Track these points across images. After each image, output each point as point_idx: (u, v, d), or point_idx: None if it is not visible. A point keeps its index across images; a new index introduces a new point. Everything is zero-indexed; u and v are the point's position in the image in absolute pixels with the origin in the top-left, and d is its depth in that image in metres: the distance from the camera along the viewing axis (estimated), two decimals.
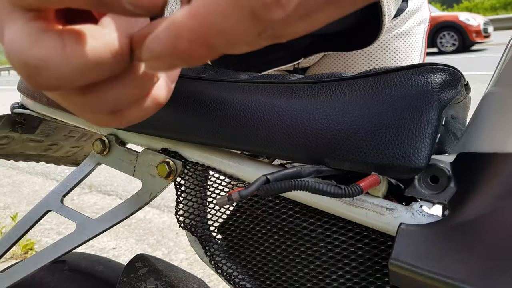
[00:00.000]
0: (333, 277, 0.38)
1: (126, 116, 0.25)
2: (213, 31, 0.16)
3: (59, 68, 0.19)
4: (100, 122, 0.25)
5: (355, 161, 0.34)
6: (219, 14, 0.15)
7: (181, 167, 0.46)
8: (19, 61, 0.19)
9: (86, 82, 0.20)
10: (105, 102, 0.23)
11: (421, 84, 0.34)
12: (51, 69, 0.19)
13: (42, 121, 0.67)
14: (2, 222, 2.36)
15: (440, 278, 0.28)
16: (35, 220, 0.53)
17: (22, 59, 0.19)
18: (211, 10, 0.15)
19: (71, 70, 0.19)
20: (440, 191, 0.34)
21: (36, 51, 0.19)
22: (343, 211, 0.36)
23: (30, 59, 0.19)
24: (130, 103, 0.24)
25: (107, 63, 0.20)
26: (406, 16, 0.72)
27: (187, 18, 0.16)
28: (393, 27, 0.71)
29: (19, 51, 0.19)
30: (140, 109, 0.25)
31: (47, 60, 0.19)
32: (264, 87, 0.40)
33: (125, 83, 0.22)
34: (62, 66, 0.19)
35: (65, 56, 0.19)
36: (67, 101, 0.23)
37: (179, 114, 0.43)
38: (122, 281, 0.56)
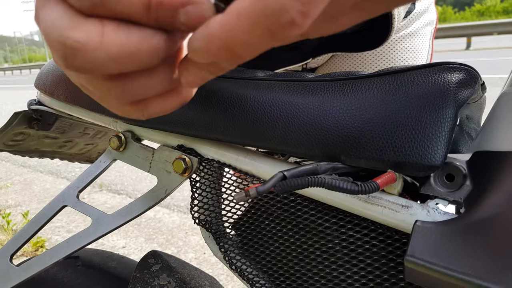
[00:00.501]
0: (348, 274, 0.39)
1: (149, 108, 0.25)
2: (236, 42, 0.18)
3: (94, 53, 0.20)
4: (122, 111, 0.25)
5: (371, 158, 0.35)
6: (241, 30, 0.18)
7: (197, 163, 0.46)
8: (58, 41, 0.20)
9: (117, 70, 0.21)
10: (130, 91, 0.23)
11: (438, 82, 0.34)
12: (87, 53, 0.20)
13: (58, 118, 0.68)
14: (13, 219, 2.38)
15: (456, 275, 0.28)
16: (51, 215, 0.53)
17: (61, 39, 0.20)
18: (235, 26, 0.18)
19: (106, 56, 0.20)
20: (455, 189, 0.34)
21: (75, 33, 0.19)
22: (358, 208, 0.37)
23: (68, 40, 0.19)
24: (155, 95, 0.25)
25: (141, 56, 0.21)
26: (414, 18, 0.72)
27: (218, 29, 0.18)
28: (400, 28, 0.71)
29: (59, 31, 0.20)
30: (164, 103, 0.26)
31: (85, 43, 0.19)
32: (280, 84, 0.41)
33: (153, 75, 0.23)
34: (98, 51, 0.20)
35: (102, 42, 0.20)
36: (93, 86, 0.24)
37: (196, 111, 0.44)
38: (135, 277, 0.57)
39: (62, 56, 0.20)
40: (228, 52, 0.19)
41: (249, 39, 0.18)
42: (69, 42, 0.19)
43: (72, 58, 0.20)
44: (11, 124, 0.65)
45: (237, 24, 0.18)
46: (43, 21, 0.21)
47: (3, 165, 3.92)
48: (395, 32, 0.71)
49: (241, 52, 0.19)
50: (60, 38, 0.20)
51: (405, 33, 0.72)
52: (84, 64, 0.20)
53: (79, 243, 0.51)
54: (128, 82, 0.23)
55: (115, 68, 0.21)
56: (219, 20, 0.18)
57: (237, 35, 0.18)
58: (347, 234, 0.38)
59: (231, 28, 0.18)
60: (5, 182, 3.35)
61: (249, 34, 0.18)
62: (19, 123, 0.65)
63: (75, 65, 0.20)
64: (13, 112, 0.64)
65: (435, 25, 0.78)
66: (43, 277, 0.64)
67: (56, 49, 0.20)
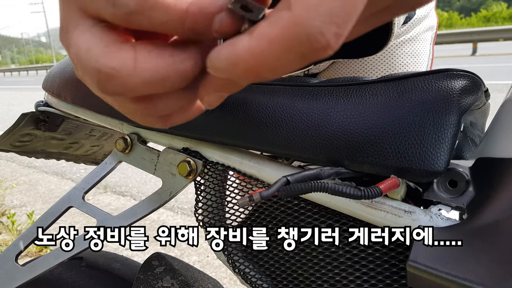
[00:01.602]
0: (350, 278, 0.39)
1: (172, 119, 0.26)
2: (265, 68, 0.18)
3: (128, 79, 0.20)
4: (146, 122, 0.26)
5: (374, 163, 0.35)
6: (272, 57, 0.18)
7: (201, 166, 0.47)
8: (93, 67, 0.20)
9: (148, 93, 0.22)
10: (157, 109, 0.24)
11: (442, 89, 0.34)
12: (121, 79, 0.20)
13: (65, 119, 0.69)
14: (18, 219, 2.39)
15: (458, 281, 0.28)
16: (56, 216, 0.54)
17: (96, 66, 0.20)
18: (266, 53, 0.18)
19: (138, 81, 0.20)
20: (458, 195, 0.34)
21: (110, 61, 0.20)
22: (361, 213, 0.37)
23: (103, 67, 0.20)
24: (179, 110, 0.25)
25: (172, 80, 0.21)
26: (414, 23, 0.72)
27: (247, 53, 0.18)
28: (401, 34, 0.72)
29: (94, 58, 0.20)
30: (186, 114, 0.26)
31: (119, 70, 0.20)
32: (285, 89, 0.41)
33: (180, 95, 0.24)
34: (131, 77, 0.20)
35: (135, 68, 0.20)
36: (120, 106, 0.25)
37: (201, 115, 0.44)
38: (139, 278, 0.57)
39: (96, 81, 0.21)
40: (254, 75, 0.19)
41: (279, 65, 0.18)
42: (104, 69, 0.20)
43: (106, 84, 0.21)
44: (19, 125, 0.65)
45: (268, 51, 0.17)
46: (76, 45, 0.21)
47: (9, 166, 3.94)
48: (395, 37, 0.71)
49: (267, 75, 0.19)
50: (95, 65, 0.20)
51: (405, 38, 0.72)
52: (118, 88, 0.21)
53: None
54: (156, 102, 0.24)
55: (146, 91, 0.21)
56: (247, 44, 0.18)
57: (267, 61, 0.18)
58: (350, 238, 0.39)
59: (261, 54, 0.18)
60: (10, 183, 3.36)
61: (280, 60, 0.18)
62: (26, 124, 0.66)
63: (109, 90, 0.21)
64: (20, 113, 0.65)
65: (435, 30, 0.78)
66: (47, 278, 0.65)
67: (90, 75, 0.21)
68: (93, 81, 0.21)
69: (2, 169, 3.84)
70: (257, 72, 0.18)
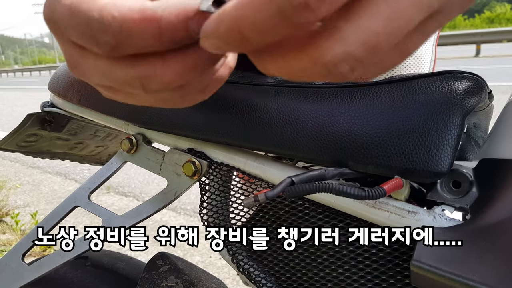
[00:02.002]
0: (354, 278, 0.39)
1: (193, 99, 0.27)
2: (246, 22, 0.18)
3: (163, 77, 0.23)
4: (167, 104, 0.27)
5: (378, 164, 0.35)
6: (252, 9, 0.18)
7: (206, 167, 0.47)
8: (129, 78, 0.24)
9: (183, 82, 0.24)
10: (185, 94, 0.26)
11: (446, 91, 0.35)
12: (158, 78, 0.23)
13: (70, 120, 0.69)
14: (22, 219, 2.40)
15: (462, 280, 0.29)
16: (62, 215, 0.54)
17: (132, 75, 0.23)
18: (247, 4, 0.18)
19: (172, 76, 0.23)
20: (462, 196, 0.34)
21: (142, 69, 0.23)
22: (365, 213, 0.37)
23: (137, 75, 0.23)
24: (201, 89, 0.27)
25: (201, 65, 0.23)
26: None
27: (231, 8, 0.19)
28: None
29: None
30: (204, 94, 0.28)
31: (153, 73, 0.23)
32: (289, 90, 0.42)
33: (205, 77, 0.26)
34: (165, 75, 0.23)
35: (167, 66, 0.23)
36: (163, 99, 0.27)
37: (206, 115, 0.44)
38: (143, 278, 0.57)
39: (139, 87, 0.24)
40: (238, 34, 0.19)
41: (260, 20, 0.18)
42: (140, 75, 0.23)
43: (147, 86, 0.24)
44: (24, 125, 0.66)
45: (250, 2, 0.18)
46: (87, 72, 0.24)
47: (12, 166, 3.95)
48: None
49: (251, 35, 0.19)
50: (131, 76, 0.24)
51: None
52: (157, 86, 0.24)
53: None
54: (186, 88, 0.26)
55: (181, 81, 0.24)
56: (231, 2, 0.19)
57: (248, 14, 0.18)
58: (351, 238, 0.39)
59: (242, 6, 0.18)
60: (14, 183, 3.38)
61: (260, 13, 0.18)
62: (32, 125, 0.67)
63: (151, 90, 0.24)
64: (24, 113, 0.66)
65: (437, 32, 0.78)
66: (53, 277, 0.65)
67: (132, 84, 0.24)
68: (136, 87, 0.24)
69: (6, 169, 3.85)
70: (240, 29, 0.19)
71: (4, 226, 2.47)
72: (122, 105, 0.51)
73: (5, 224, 2.50)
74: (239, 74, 0.48)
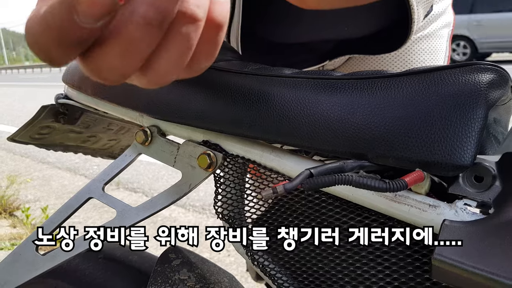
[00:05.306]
0: (372, 273, 0.39)
1: (195, 64, 0.26)
2: None
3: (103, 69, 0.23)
4: (181, 76, 0.27)
5: (399, 157, 0.35)
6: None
7: (221, 159, 0.47)
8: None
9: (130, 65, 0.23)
10: (165, 69, 0.25)
11: (469, 82, 0.34)
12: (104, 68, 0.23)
13: (84, 112, 0.69)
14: (32, 214, 2.42)
15: (486, 274, 0.28)
16: (76, 206, 0.54)
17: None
18: None
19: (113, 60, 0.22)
20: (484, 190, 0.33)
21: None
22: (384, 207, 0.37)
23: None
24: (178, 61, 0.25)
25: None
26: (431, 19, 0.72)
27: None
28: (418, 30, 0.71)
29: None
30: (204, 49, 0.26)
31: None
32: (308, 82, 0.41)
33: (167, 48, 0.24)
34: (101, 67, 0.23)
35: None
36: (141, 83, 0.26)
37: (222, 107, 0.44)
38: (156, 271, 0.57)
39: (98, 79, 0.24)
40: None
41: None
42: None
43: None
44: (38, 117, 0.66)
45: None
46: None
47: (23, 161, 3.98)
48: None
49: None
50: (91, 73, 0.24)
51: (422, 34, 0.72)
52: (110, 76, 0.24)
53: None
54: (156, 66, 0.25)
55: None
56: None
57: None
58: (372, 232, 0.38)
59: None
60: (24, 177, 3.40)
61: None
62: (46, 117, 0.67)
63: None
64: (34, 108, 0.66)
65: (452, 27, 0.77)
66: (65, 269, 0.65)
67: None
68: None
69: (17, 164, 3.88)
70: None
71: (15, 220, 2.49)
72: (137, 96, 0.51)
73: (16, 218, 2.52)
74: (256, 66, 0.47)
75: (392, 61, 0.72)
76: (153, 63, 0.24)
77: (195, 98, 0.46)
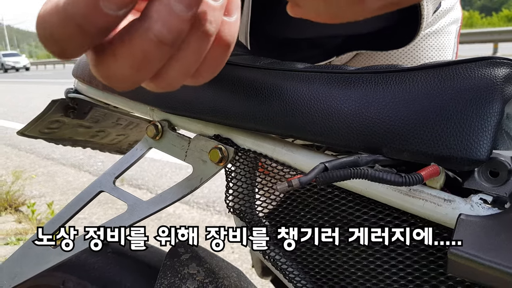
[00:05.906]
0: (385, 267, 0.38)
1: (201, 76, 0.27)
2: None
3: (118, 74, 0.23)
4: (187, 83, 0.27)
5: (414, 151, 0.34)
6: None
7: (233, 153, 0.47)
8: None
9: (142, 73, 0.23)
10: (173, 77, 0.25)
11: (485, 77, 0.34)
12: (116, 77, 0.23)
13: (93, 107, 0.70)
14: (37, 209, 2.43)
15: (503, 269, 0.28)
16: (87, 200, 0.55)
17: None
18: None
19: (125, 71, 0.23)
20: (500, 184, 0.33)
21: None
22: (398, 201, 0.37)
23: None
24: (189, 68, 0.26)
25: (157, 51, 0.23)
26: (439, 16, 0.71)
27: None
28: (426, 26, 0.70)
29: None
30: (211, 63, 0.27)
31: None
32: (321, 76, 0.41)
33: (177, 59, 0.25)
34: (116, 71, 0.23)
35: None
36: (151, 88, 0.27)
37: (234, 101, 0.44)
38: (165, 264, 0.57)
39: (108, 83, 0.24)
40: None
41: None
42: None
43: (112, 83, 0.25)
44: (48, 112, 0.66)
45: None
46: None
47: (28, 157, 4.00)
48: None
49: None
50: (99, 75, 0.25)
51: (430, 30, 0.71)
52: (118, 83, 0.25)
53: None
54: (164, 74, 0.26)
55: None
56: None
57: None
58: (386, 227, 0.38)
59: None
60: (29, 173, 3.42)
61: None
62: (55, 111, 0.67)
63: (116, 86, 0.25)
64: (39, 105, 0.66)
65: (460, 24, 0.77)
66: (74, 262, 0.66)
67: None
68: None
69: (22, 160, 3.90)
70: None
71: (20, 215, 2.50)
72: (148, 90, 0.50)
73: (21, 214, 2.53)
74: (268, 60, 0.47)
75: (400, 57, 0.72)
76: (162, 72, 0.25)
77: (207, 92, 0.46)
